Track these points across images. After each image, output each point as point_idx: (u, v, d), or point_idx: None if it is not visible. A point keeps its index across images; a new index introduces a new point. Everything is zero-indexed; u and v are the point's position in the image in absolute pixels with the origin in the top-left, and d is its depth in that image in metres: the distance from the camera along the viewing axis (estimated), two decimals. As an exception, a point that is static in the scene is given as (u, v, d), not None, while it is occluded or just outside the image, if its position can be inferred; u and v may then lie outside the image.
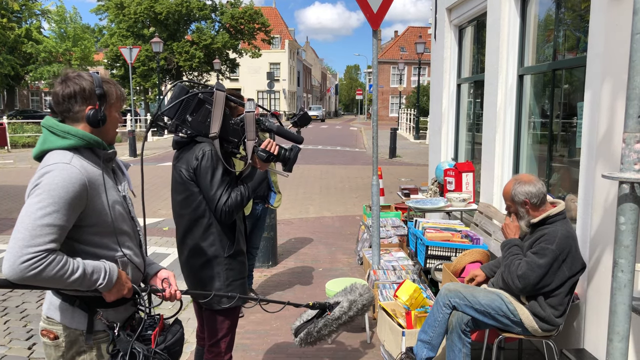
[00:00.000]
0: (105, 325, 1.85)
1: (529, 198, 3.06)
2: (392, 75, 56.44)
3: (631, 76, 1.62)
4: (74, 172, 1.71)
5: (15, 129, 21.31)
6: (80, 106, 1.81)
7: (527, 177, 3.12)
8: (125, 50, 21.79)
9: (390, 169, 14.56)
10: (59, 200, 1.65)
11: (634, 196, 1.64)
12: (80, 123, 1.83)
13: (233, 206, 2.42)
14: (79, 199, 1.70)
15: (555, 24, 4.21)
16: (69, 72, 1.85)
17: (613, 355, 1.73)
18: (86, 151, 1.82)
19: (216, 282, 2.57)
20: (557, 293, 2.99)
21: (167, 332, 2.01)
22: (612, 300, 1.73)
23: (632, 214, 1.67)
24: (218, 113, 2.39)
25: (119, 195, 1.91)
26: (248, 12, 36.35)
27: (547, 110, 4.37)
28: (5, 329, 4.38)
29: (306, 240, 7.24)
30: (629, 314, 1.70)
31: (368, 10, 4.74)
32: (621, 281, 1.68)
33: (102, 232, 1.82)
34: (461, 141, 6.68)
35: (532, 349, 3.91)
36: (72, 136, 1.78)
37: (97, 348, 1.86)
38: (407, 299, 3.57)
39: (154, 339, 1.91)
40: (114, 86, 1.90)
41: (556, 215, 3.05)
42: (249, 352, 3.94)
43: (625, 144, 1.64)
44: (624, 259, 1.67)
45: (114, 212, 1.84)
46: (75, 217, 1.72)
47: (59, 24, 34.37)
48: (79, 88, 1.80)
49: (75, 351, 1.85)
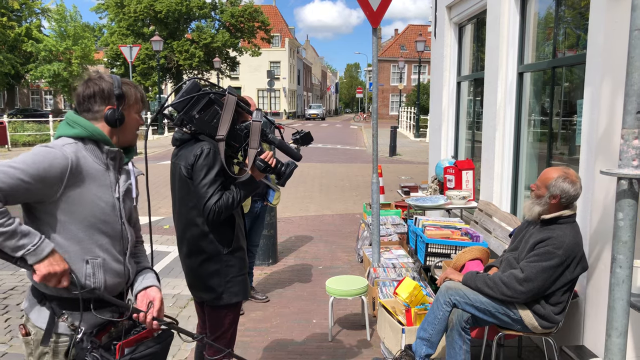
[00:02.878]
0: (70, 328, 1.81)
1: (562, 195, 2.99)
2: (392, 73, 56.42)
3: (629, 72, 1.63)
4: (61, 153, 1.74)
5: (16, 127, 21.30)
6: (100, 106, 1.88)
7: (574, 177, 3.01)
8: (125, 48, 21.76)
9: (390, 167, 14.56)
10: (30, 164, 1.67)
11: (632, 192, 1.65)
12: (100, 122, 1.89)
13: (223, 207, 2.42)
14: (50, 176, 1.70)
15: (555, 21, 4.21)
16: (92, 74, 1.94)
17: (611, 351, 1.73)
18: (90, 143, 1.86)
19: (216, 278, 2.58)
20: (557, 291, 3.00)
21: (141, 343, 1.91)
22: (611, 296, 1.74)
23: (631, 209, 1.67)
24: (227, 117, 2.42)
25: (110, 196, 1.88)
26: (248, 11, 36.33)
27: (547, 107, 4.37)
28: (6, 327, 4.39)
29: (306, 238, 7.24)
30: (627, 309, 1.71)
31: (368, 8, 4.74)
32: (619, 277, 1.68)
33: (76, 224, 1.79)
34: (461, 139, 6.69)
35: (532, 345, 3.92)
36: (78, 126, 1.85)
37: (55, 352, 1.82)
38: (407, 296, 3.57)
39: (119, 350, 1.83)
40: (134, 88, 1.96)
41: (567, 217, 3.03)
42: (249, 349, 3.95)
43: (624, 140, 1.65)
44: (622, 254, 1.68)
45: (95, 209, 1.82)
46: (39, 193, 1.71)
47: (59, 23, 34.36)
48: (98, 89, 1.87)
49: (41, 351, 1.83)
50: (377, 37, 4.83)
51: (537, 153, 4.64)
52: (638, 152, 1.62)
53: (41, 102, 49.97)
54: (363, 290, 4.11)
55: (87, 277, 1.82)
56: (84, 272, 1.82)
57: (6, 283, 5.41)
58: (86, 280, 1.82)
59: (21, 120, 23.17)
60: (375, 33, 4.80)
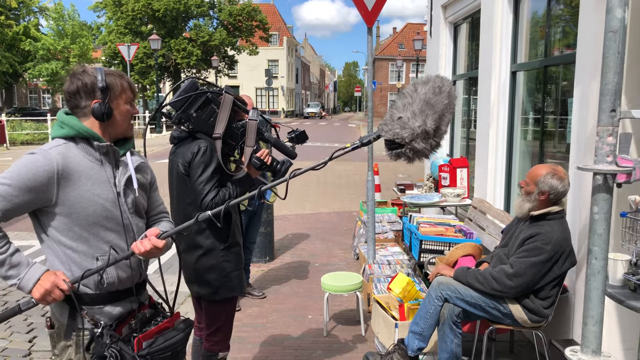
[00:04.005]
0: (90, 322, 1.85)
1: (551, 191, 3.05)
2: (390, 72, 56.46)
3: (604, 72, 1.69)
4: (45, 158, 1.76)
5: (14, 126, 21.33)
6: (86, 101, 1.86)
7: (562, 173, 3.08)
8: (123, 47, 21.82)
9: (388, 166, 14.61)
10: (16, 178, 1.72)
11: (607, 187, 1.72)
12: (89, 117, 1.87)
13: (219, 203, 2.48)
14: (39, 184, 1.74)
15: (547, 21, 4.27)
16: (76, 69, 1.89)
17: (587, 338, 1.80)
18: (82, 141, 1.86)
19: (213, 273, 2.64)
20: (546, 286, 3.06)
21: (159, 335, 1.94)
22: (587, 286, 1.81)
23: (605, 203, 1.74)
24: (224, 115, 2.48)
25: (109, 191, 1.88)
26: (246, 10, 36.33)
27: (540, 106, 4.43)
28: (6, 322, 4.43)
29: (303, 236, 7.31)
30: (602, 298, 1.78)
31: (363, 7, 4.80)
32: (595, 267, 1.75)
33: (79, 224, 1.82)
34: (457, 137, 6.75)
35: (524, 340, 3.99)
36: (66, 126, 1.85)
37: (77, 345, 1.86)
38: (400, 291, 3.64)
39: (137, 343, 1.87)
40: (120, 78, 1.90)
41: (556, 213, 3.10)
42: (245, 344, 4.01)
43: (599, 137, 1.71)
44: (598, 246, 1.75)
45: (94, 207, 1.83)
46: (36, 201, 1.76)
47: (57, 22, 34.41)
48: (81, 84, 1.84)
49: (64, 344, 1.88)
50: (372, 36, 4.90)
51: (530, 151, 4.71)
52: (612, 149, 1.69)
53: (39, 100, 49.95)
54: (358, 286, 4.18)
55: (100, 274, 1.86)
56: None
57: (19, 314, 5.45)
58: (98, 276, 1.86)
59: (19, 119, 23.20)
60: (371, 32, 4.87)
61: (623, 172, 1.71)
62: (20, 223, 7.22)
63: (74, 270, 1.84)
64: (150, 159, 17.29)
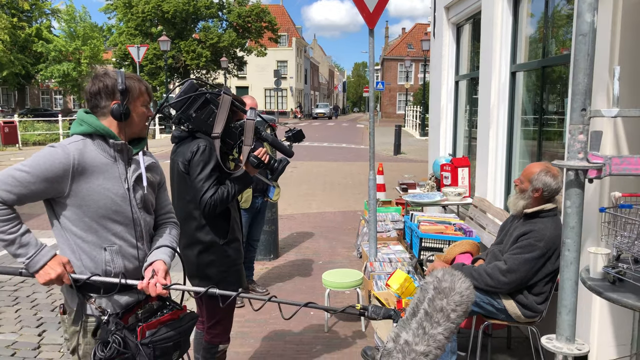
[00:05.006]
0: (97, 310, 1.97)
1: (544, 188, 3.12)
2: (399, 72, 56.41)
3: (575, 73, 1.76)
4: (63, 152, 1.89)
5: (26, 127, 21.62)
6: (105, 101, 1.99)
7: (556, 171, 3.15)
8: (133, 48, 22.04)
9: (394, 166, 14.68)
10: (35, 166, 1.85)
11: (579, 182, 1.79)
12: (107, 117, 2.00)
13: (218, 201, 2.58)
14: (55, 175, 1.86)
15: (546, 21, 4.32)
16: (98, 71, 2.03)
17: (562, 327, 1.88)
18: (98, 138, 1.99)
19: (213, 268, 2.73)
20: (539, 282, 3.13)
21: (163, 326, 2.02)
22: (561, 277, 1.89)
23: (577, 198, 1.81)
24: (223, 115, 2.57)
25: (120, 186, 1.99)
26: (255, 11, 36.52)
27: (539, 106, 4.49)
28: (16, 317, 4.58)
29: (307, 234, 7.40)
30: (575, 289, 1.85)
31: (364, 9, 4.89)
32: (568, 259, 1.82)
33: (89, 216, 1.94)
34: (459, 137, 6.81)
35: (521, 337, 4.04)
36: (85, 123, 1.98)
37: (85, 331, 1.99)
38: (398, 287, 3.72)
39: (140, 332, 1.96)
40: (138, 82, 2.04)
41: (549, 210, 3.17)
42: (247, 339, 4.11)
43: (571, 135, 1.79)
44: (570, 239, 1.82)
45: (104, 200, 1.94)
46: (49, 191, 1.88)
47: (68, 23, 34.78)
48: (103, 85, 1.98)
49: (74, 329, 2.00)
50: (373, 38, 4.97)
51: (529, 150, 4.76)
52: (583, 146, 1.76)
53: (51, 101, 50.50)
54: (358, 282, 4.26)
55: (106, 264, 1.98)
56: (103, 259, 1.98)
57: (17, 276, 5.60)
58: (106, 266, 1.98)
59: (31, 120, 23.49)
60: (372, 34, 4.94)
61: (594, 168, 1.79)
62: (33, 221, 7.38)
63: (83, 258, 1.96)
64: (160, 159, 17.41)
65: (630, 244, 1.95)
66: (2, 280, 5.47)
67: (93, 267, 1.97)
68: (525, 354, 3.80)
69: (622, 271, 1.96)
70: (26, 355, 3.90)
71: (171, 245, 2.15)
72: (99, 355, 1.88)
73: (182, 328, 2.09)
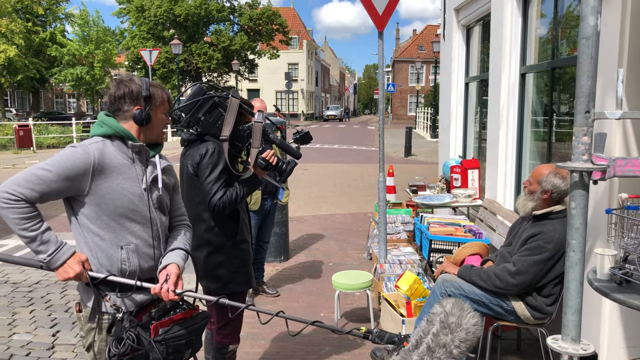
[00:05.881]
0: (113, 308, 2.02)
1: (553, 190, 3.12)
2: (410, 74, 56.33)
3: (579, 76, 1.77)
4: (84, 151, 1.95)
5: (41, 130, 21.92)
6: (129, 106, 2.06)
7: (565, 173, 3.12)
8: (145, 52, 22.25)
9: (404, 168, 14.66)
10: (57, 165, 1.90)
11: (583, 183, 1.80)
12: (129, 121, 2.07)
13: (227, 202, 2.61)
14: (76, 174, 1.92)
15: (555, 23, 4.32)
16: (123, 77, 2.11)
17: (567, 327, 1.88)
18: (117, 140, 2.05)
19: (222, 269, 2.77)
20: (548, 284, 3.12)
21: (176, 324, 2.07)
22: (566, 277, 1.89)
23: (582, 199, 1.82)
24: (231, 118, 2.61)
25: (137, 187, 2.05)
26: (266, 14, 36.69)
27: (549, 107, 4.48)
28: (31, 317, 4.66)
29: (318, 236, 7.42)
30: (580, 289, 1.86)
31: (374, 12, 4.90)
32: (573, 260, 1.83)
33: (107, 214, 2.00)
34: (469, 139, 6.80)
35: (531, 339, 4.03)
36: (105, 125, 2.05)
37: (100, 328, 2.05)
38: (407, 289, 3.73)
39: (154, 329, 2.01)
40: (161, 90, 2.13)
41: (558, 212, 3.16)
42: (258, 340, 4.14)
43: (575, 137, 1.80)
44: (575, 240, 1.83)
45: (122, 199, 2.01)
46: (70, 189, 1.94)
47: (82, 27, 35.23)
48: (128, 90, 2.05)
49: (89, 326, 2.06)
50: (382, 40, 4.99)
51: (539, 152, 4.75)
52: (587, 147, 1.77)
53: (65, 105, 51.13)
54: (368, 284, 4.27)
55: (122, 262, 2.04)
56: (119, 257, 2.03)
57: (31, 277, 5.70)
58: (122, 265, 2.04)
59: (46, 123, 23.82)
60: (382, 37, 4.96)
61: (598, 169, 1.79)
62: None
63: (100, 256, 2.02)
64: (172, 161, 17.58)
65: (637, 245, 1.95)
66: (17, 282, 5.56)
67: (109, 265, 2.02)
68: (535, 356, 3.79)
69: (629, 272, 1.96)
70: (40, 355, 3.96)
71: (185, 247, 2.21)
72: (113, 351, 1.94)
73: (195, 327, 2.14)
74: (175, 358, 2.07)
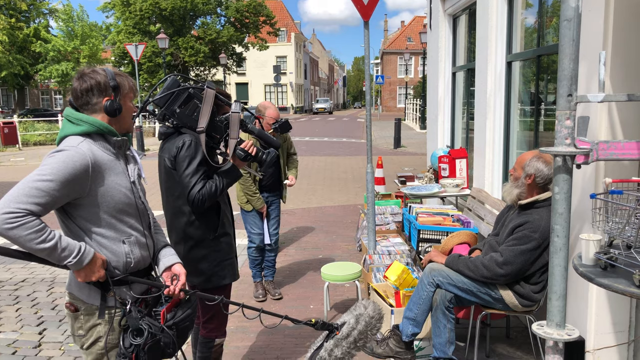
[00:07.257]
0: (118, 301, 2.02)
1: (536, 174, 3.12)
2: (399, 65, 56.30)
3: (561, 59, 1.75)
4: (79, 153, 1.88)
5: (27, 127, 21.67)
6: (97, 98, 2.00)
7: (548, 158, 3.13)
8: (131, 47, 22.00)
9: (394, 159, 14.67)
10: (57, 173, 1.81)
11: (566, 168, 1.78)
12: (99, 114, 2.01)
13: (207, 195, 2.57)
14: (77, 177, 1.86)
15: (540, 10, 4.30)
16: (84, 69, 2.04)
17: (552, 312, 1.87)
18: (98, 137, 2.00)
19: (205, 263, 2.73)
20: (536, 272, 3.12)
21: (178, 308, 2.15)
22: (550, 263, 1.88)
23: (565, 184, 1.80)
24: (207, 109, 2.56)
25: (127, 181, 2.05)
26: (252, 5, 36.44)
27: (535, 95, 4.47)
28: (17, 316, 4.60)
29: (308, 229, 7.40)
30: (564, 275, 1.85)
31: (359, 2, 4.86)
32: (557, 245, 1.82)
33: (107, 212, 1.97)
34: (457, 128, 6.79)
35: (521, 326, 4.05)
36: (84, 123, 1.97)
37: (110, 322, 2.03)
38: (396, 279, 3.72)
39: (163, 316, 2.07)
40: (126, 78, 2.09)
41: (544, 201, 3.16)
42: (248, 333, 4.13)
43: (558, 121, 1.77)
44: (559, 225, 1.81)
45: (119, 195, 1.99)
46: (71, 194, 1.87)
47: (66, 23, 34.78)
48: (94, 82, 1.99)
49: (92, 323, 2.03)
50: (368, 30, 4.95)
51: (526, 140, 4.75)
52: (570, 131, 1.75)
53: (51, 102, 50.51)
54: (356, 275, 4.26)
55: (126, 255, 2.04)
56: (123, 251, 2.03)
57: (17, 276, 5.63)
58: (127, 258, 2.04)
59: (32, 120, 23.54)
60: (367, 27, 4.92)
61: (581, 153, 1.78)
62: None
63: (105, 253, 2.00)
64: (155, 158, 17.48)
65: (621, 229, 1.95)
66: (3, 280, 5.49)
67: (115, 261, 2.02)
68: (524, 343, 3.80)
69: (613, 257, 1.95)
70: (27, 353, 3.91)
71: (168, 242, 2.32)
72: (132, 342, 1.95)
73: (193, 305, 2.23)
74: (180, 342, 2.14)
